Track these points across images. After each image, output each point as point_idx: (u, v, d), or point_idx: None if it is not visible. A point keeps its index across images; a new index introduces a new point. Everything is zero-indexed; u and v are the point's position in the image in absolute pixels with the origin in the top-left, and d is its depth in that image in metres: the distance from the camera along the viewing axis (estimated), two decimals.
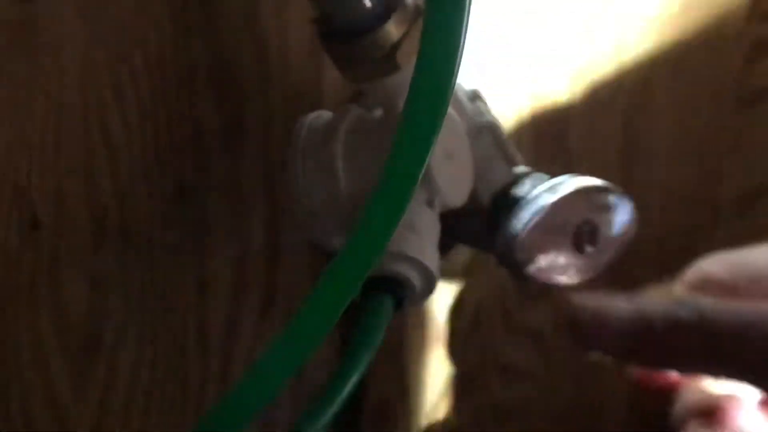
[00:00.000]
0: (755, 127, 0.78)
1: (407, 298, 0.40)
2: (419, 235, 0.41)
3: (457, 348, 0.61)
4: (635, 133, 0.67)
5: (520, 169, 0.48)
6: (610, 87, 0.64)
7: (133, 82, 0.43)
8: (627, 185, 0.67)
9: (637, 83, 0.65)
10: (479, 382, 0.64)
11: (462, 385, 0.63)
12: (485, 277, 0.61)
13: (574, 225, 0.46)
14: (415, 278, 0.40)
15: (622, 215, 0.47)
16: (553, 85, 0.60)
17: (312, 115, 0.44)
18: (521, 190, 0.47)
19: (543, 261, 0.47)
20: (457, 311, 0.60)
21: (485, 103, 0.48)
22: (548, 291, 0.66)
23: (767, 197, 0.82)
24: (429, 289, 0.41)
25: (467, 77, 0.46)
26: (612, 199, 0.46)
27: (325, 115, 0.44)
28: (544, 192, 0.45)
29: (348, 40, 0.41)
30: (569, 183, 0.45)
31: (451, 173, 0.42)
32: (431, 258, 0.40)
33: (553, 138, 0.62)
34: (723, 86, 0.72)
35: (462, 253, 0.59)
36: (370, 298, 0.40)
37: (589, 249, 0.46)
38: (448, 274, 0.59)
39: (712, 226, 0.76)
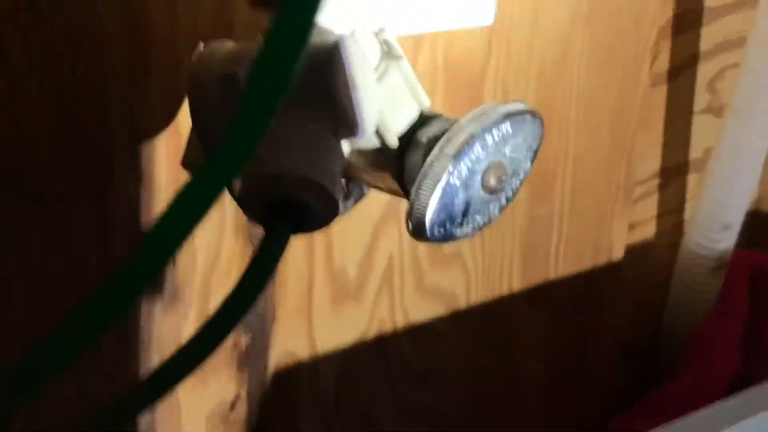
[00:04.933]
0: (670, 103, 0.79)
1: (307, 223, 0.40)
2: (321, 160, 0.40)
3: (366, 305, 0.61)
4: (549, 101, 0.67)
5: (428, 110, 0.47)
6: (524, 53, 0.64)
7: (21, 37, 0.42)
8: (540, 153, 0.69)
9: (552, 51, 0.66)
10: (390, 342, 0.63)
11: (373, 345, 0.62)
12: (397, 231, 0.61)
13: (479, 172, 0.46)
14: (315, 203, 0.40)
15: (526, 135, 0.47)
16: (468, 47, 0.60)
17: (215, 43, 0.43)
18: (428, 132, 0.47)
19: (457, 229, 0.47)
20: (367, 265, 0.60)
21: (392, 37, 0.47)
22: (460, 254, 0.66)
23: (680, 177, 0.84)
24: (330, 214, 0.40)
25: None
26: (509, 126, 0.46)
27: (229, 44, 0.44)
28: (446, 153, 0.45)
29: None
30: (468, 129, 0.45)
31: (356, 105, 0.42)
32: (333, 183, 0.40)
33: (467, 102, 0.62)
34: (638, 61, 0.73)
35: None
36: (269, 222, 0.39)
37: (498, 187, 0.46)
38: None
39: (624, 200, 0.76)
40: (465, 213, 0.46)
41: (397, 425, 0.65)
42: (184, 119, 0.48)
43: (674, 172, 0.83)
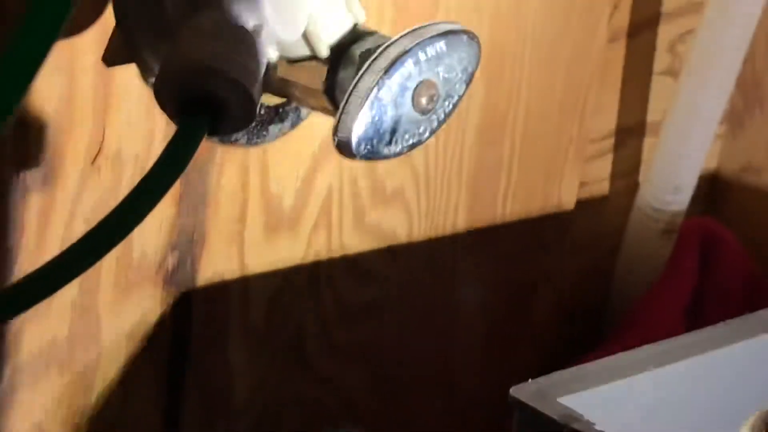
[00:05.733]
0: (629, 62, 0.79)
1: (224, 122, 0.39)
2: (242, 57, 0.39)
3: (303, 233, 0.60)
4: (502, 43, 0.66)
5: (363, 25, 0.46)
6: None
7: None
8: (490, 95, 0.68)
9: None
10: (325, 276, 0.62)
11: (307, 277, 0.61)
12: (338, 163, 0.59)
13: (410, 89, 0.45)
14: (233, 101, 0.39)
15: (461, 57, 0.46)
16: None
17: None
18: (361, 46, 0.46)
19: (384, 148, 0.46)
20: (304, 195, 0.59)
21: None
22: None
23: (636, 138, 0.83)
24: (247, 115, 0.39)
25: None
26: (443, 45, 0.45)
27: None
28: (376, 67, 0.44)
29: None
30: (400, 44, 0.44)
31: (282, 3, 0.41)
32: (250, 81, 0.39)
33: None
34: (596, 11, 0.72)
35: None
36: (184, 117, 0.38)
37: (429, 107, 0.45)
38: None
39: (576, 154, 0.76)
40: (394, 131, 0.45)
41: (327, 361, 0.64)
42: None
43: (630, 133, 0.82)
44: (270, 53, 0.43)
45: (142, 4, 0.41)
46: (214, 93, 0.38)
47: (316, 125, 0.57)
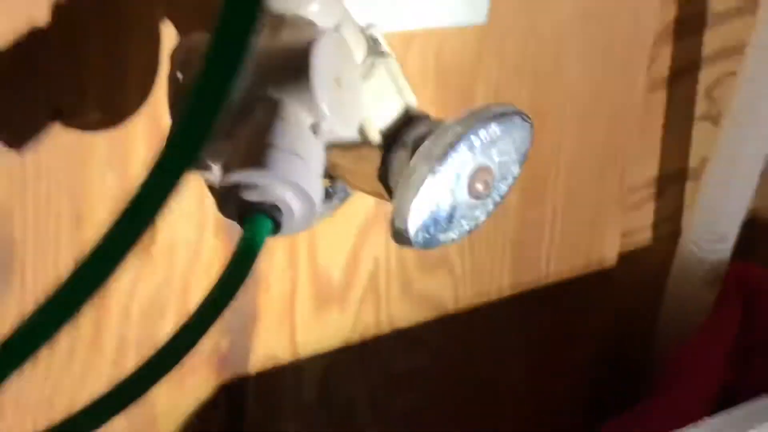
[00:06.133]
0: (668, 109, 0.78)
1: (285, 224, 0.39)
2: (301, 159, 0.39)
3: (351, 306, 0.59)
4: (543, 103, 0.66)
5: (414, 109, 0.46)
6: (518, 52, 0.63)
7: None
8: (532, 156, 0.67)
9: (547, 51, 0.64)
10: (374, 346, 0.62)
11: (356, 349, 0.61)
12: (383, 235, 0.59)
13: (466, 176, 0.45)
14: (293, 201, 0.38)
15: (515, 138, 0.45)
16: (460, 46, 0.59)
17: (189, 38, 0.42)
18: (414, 132, 0.45)
19: (441, 234, 0.45)
20: (352, 269, 0.59)
21: (379, 34, 0.46)
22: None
23: (677, 185, 0.82)
24: (308, 216, 0.39)
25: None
26: (497, 128, 0.44)
27: (203, 38, 0.42)
28: (430, 155, 0.43)
29: None
30: (454, 130, 0.43)
31: (339, 100, 0.40)
32: (313, 184, 0.39)
33: (458, 102, 0.61)
34: (635, 64, 0.71)
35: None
36: (247, 221, 0.38)
37: (485, 192, 0.45)
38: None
39: (618, 206, 0.75)
40: (450, 218, 0.45)
41: (379, 429, 0.63)
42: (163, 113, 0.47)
43: (671, 180, 0.81)
44: (324, 143, 0.43)
45: None
46: (274, 198, 0.38)
47: (362, 198, 0.56)
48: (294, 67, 0.40)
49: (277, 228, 0.38)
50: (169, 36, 0.46)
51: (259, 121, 0.39)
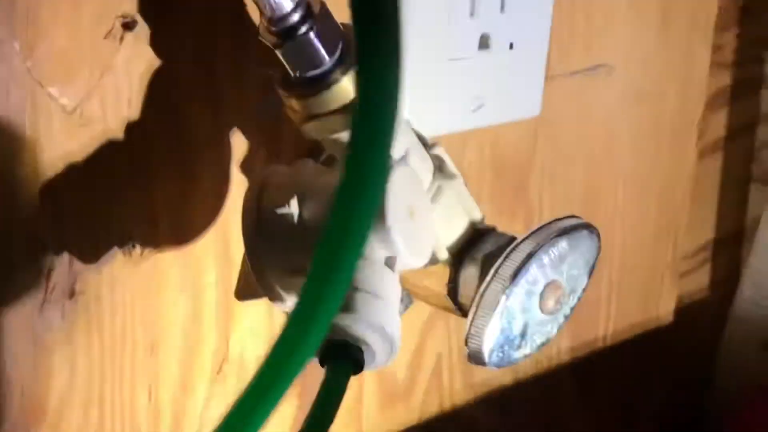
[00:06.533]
0: (719, 173, 0.78)
1: (367, 363, 0.39)
2: (382, 300, 0.39)
3: (416, 401, 0.59)
4: (596, 186, 0.66)
5: (481, 224, 0.46)
6: (571, 139, 0.63)
7: None
8: None
9: (599, 135, 0.65)
10: None
11: None
12: (445, 330, 0.59)
13: (537, 293, 0.45)
14: (376, 343, 0.39)
15: (582, 251, 0.46)
16: (515, 139, 0.59)
17: (268, 171, 0.43)
18: (482, 248, 0.46)
19: (515, 352, 0.45)
20: (416, 366, 0.59)
21: (444, 153, 0.47)
22: None
23: (731, 247, 0.82)
24: (390, 353, 0.39)
25: (426, 129, 0.45)
26: (565, 244, 0.44)
27: (281, 170, 0.43)
28: (502, 275, 0.43)
29: (308, 95, 0.40)
30: (523, 249, 0.44)
31: (412, 232, 0.41)
32: (392, 322, 0.39)
33: (514, 191, 0.61)
34: (685, 136, 0.71)
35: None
36: (330, 364, 0.38)
37: (556, 308, 0.45)
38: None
39: (672, 276, 0.75)
40: (523, 335, 0.45)
41: None
42: (235, 241, 0.47)
43: (724, 243, 0.81)
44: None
45: (272, 250, 0.41)
46: (357, 339, 0.38)
47: None
48: None
49: (359, 368, 0.39)
50: (236, 159, 0.47)
51: None
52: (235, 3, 0.44)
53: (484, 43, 0.54)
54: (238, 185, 0.47)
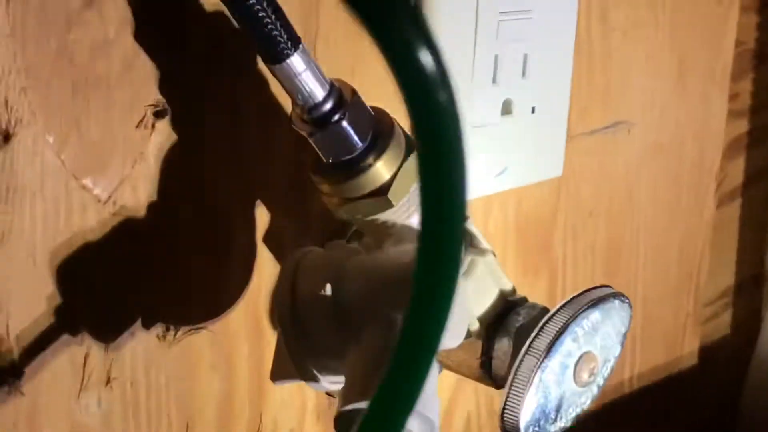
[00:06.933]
0: (736, 219, 0.78)
1: None
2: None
3: None
4: (617, 240, 0.66)
5: (512, 294, 0.47)
6: (593, 195, 0.63)
7: None
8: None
9: (620, 190, 0.65)
10: None
11: None
12: (473, 389, 0.59)
13: (571, 365, 0.45)
14: (418, 428, 0.39)
15: (615, 322, 0.46)
16: (538, 199, 0.60)
17: (300, 253, 0.43)
18: (515, 320, 0.46)
19: (551, 426, 0.45)
20: (446, 427, 0.59)
21: (474, 228, 0.47)
22: None
23: (752, 290, 0.82)
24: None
25: None
26: (598, 315, 0.45)
27: (314, 252, 0.43)
28: (536, 348, 0.44)
29: (340, 180, 0.40)
30: (556, 321, 0.44)
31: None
32: (433, 407, 0.39)
33: (538, 248, 0.61)
34: (703, 186, 0.72)
35: None
36: None
37: (590, 379, 0.45)
38: None
39: (693, 325, 0.75)
40: (558, 408, 0.45)
41: None
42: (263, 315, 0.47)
43: (744, 287, 0.81)
44: None
45: (308, 332, 0.41)
46: None
47: None
48: (406, 288, 0.40)
49: None
50: (264, 235, 0.47)
51: (376, 344, 0.40)
52: (261, 86, 0.44)
53: (506, 108, 0.54)
54: (266, 260, 0.48)
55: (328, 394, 0.52)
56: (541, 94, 0.56)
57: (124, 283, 0.43)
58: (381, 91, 0.40)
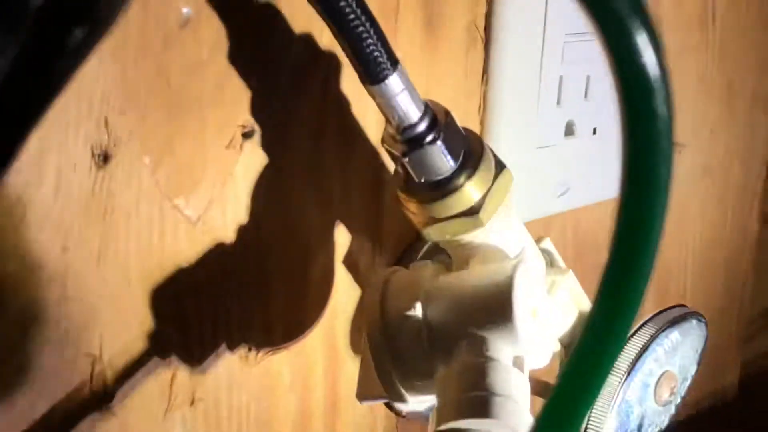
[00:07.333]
0: None
1: None
2: (515, 402, 0.39)
3: None
4: (668, 261, 0.67)
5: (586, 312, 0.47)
6: None
7: None
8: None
9: (671, 210, 0.65)
10: None
11: None
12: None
13: (652, 384, 0.45)
14: None
15: (692, 340, 0.46)
16: (596, 218, 0.60)
17: (388, 273, 0.43)
18: None
19: None
20: None
21: (552, 247, 0.47)
22: None
23: None
24: None
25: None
26: (677, 334, 0.45)
27: (401, 272, 0.43)
28: (619, 368, 0.44)
29: (430, 200, 0.40)
30: (638, 341, 0.44)
31: (536, 332, 0.41)
32: (525, 422, 0.39)
33: (595, 272, 0.61)
34: (747, 207, 0.72)
35: None
36: None
37: (670, 398, 0.45)
38: None
39: (737, 344, 0.75)
40: (640, 428, 0.45)
41: None
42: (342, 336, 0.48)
43: None
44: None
45: (397, 352, 0.41)
46: None
47: None
48: (496, 306, 0.40)
49: None
50: (341, 255, 0.47)
51: (468, 363, 0.40)
52: (344, 107, 0.45)
53: (569, 129, 0.55)
54: (342, 280, 0.48)
55: (397, 414, 0.52)
56: (603, 115, 0.56)
57: (212, 304, 0.43)
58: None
